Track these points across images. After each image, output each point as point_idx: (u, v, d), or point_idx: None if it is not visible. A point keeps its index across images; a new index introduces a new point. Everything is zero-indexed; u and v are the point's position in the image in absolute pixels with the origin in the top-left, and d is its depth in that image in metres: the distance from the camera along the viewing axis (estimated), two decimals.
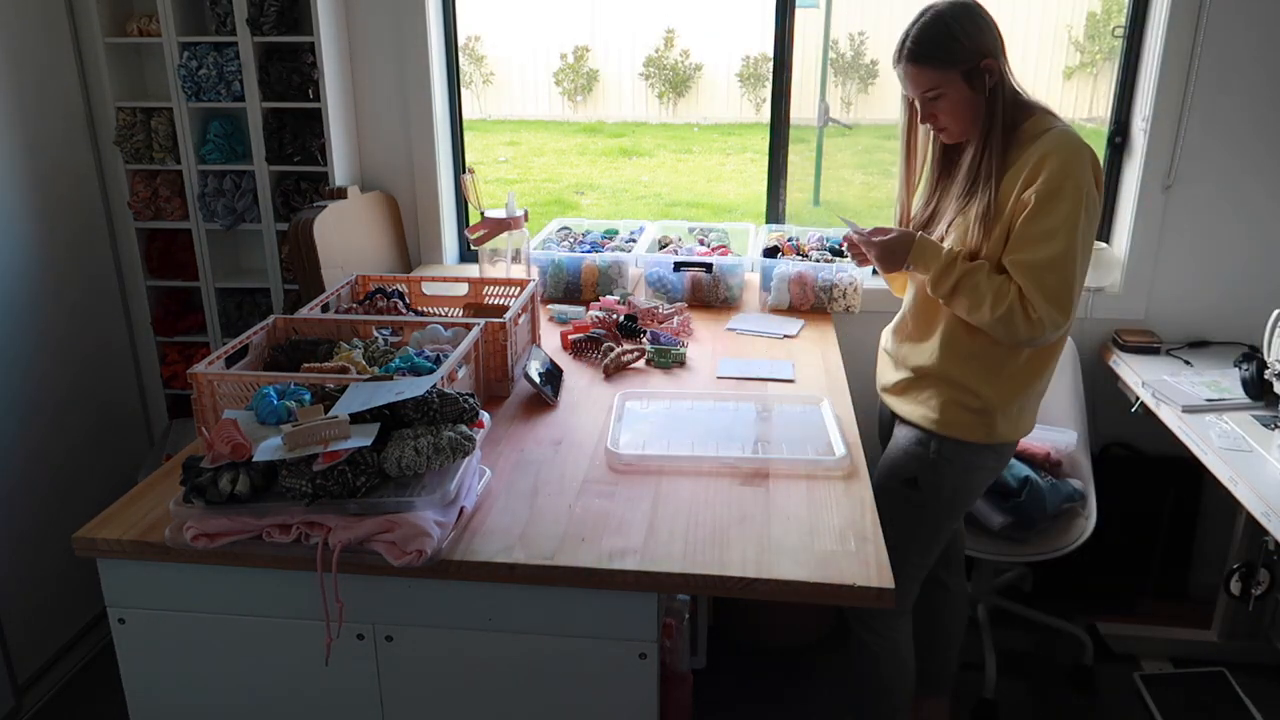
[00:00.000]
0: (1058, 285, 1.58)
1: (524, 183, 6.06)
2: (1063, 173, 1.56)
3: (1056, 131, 1.61)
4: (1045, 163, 1.57)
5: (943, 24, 1.63)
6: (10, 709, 2.30)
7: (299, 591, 1.28)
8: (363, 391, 1.31)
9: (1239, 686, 2.37)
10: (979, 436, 1.74)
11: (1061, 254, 1.57)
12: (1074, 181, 1.56)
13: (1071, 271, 1.58)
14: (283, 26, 2.43)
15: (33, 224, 2.39)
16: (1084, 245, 1.59)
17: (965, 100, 1.65)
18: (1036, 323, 1.58)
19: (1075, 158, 1.58)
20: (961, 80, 1.64)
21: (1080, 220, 1.57)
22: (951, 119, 1.69)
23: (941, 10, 1.65)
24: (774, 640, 2.56)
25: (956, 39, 1.62)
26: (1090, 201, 1.58)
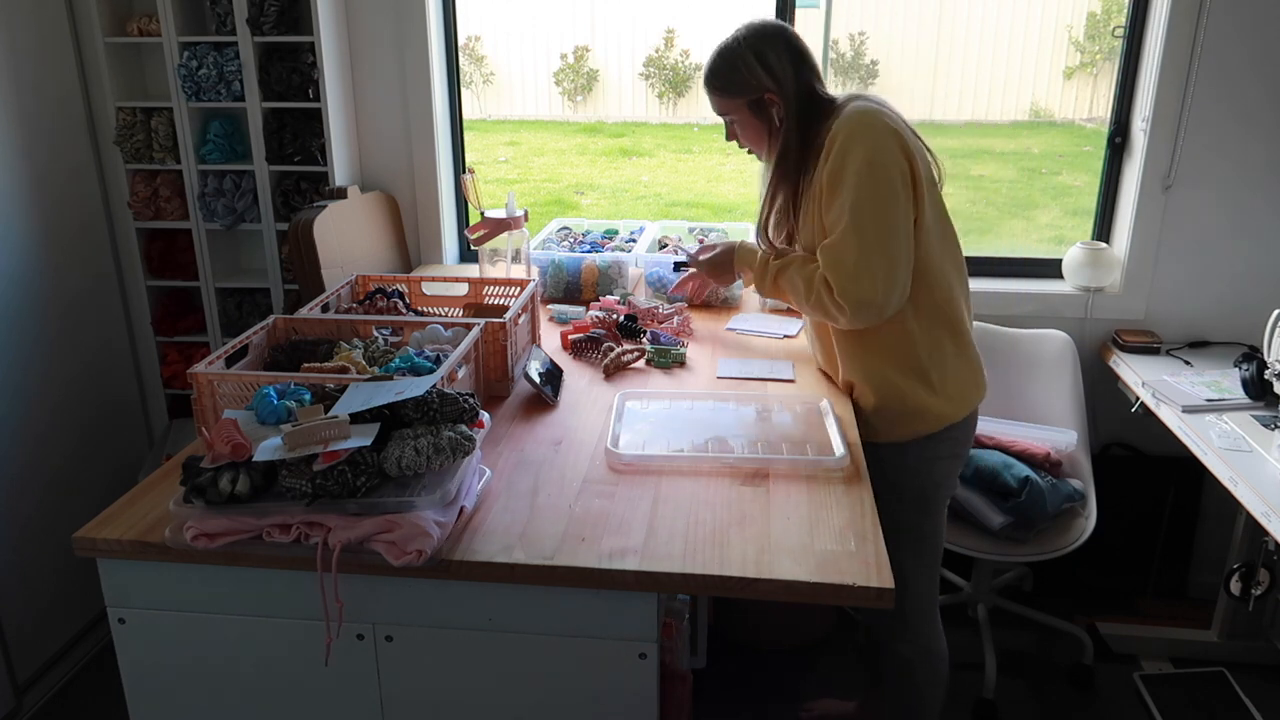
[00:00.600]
0: (853, 260, 1.57)
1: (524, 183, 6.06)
2: (841, 152, 1.58)
3: (845, 114, 1.62)
4: (831, 149, 1.60)
5: (731, 54, 1.69)
6: (10, 709, 2.30)
7: (299, 591, 1.28)
8: (363, 391, 1.31)
9: (1239, 686, 2.37)
10: (916, 429, 1.74)
11: (847, 230, 1.57)
12: (853, 156, 1.57)
13: (865, 242, 1.56)
14: (283, 26, 2.44)
15: (33, 224, 2.39)
16: (875, 213, 1.57)
17: (755, 127, 1.72)
18: (842, 303, 1.60)
19: (855, 132, 1.58)
20: (746, 109, 1.71)
21: (864, 190, 1.56)
22: (748, 141, 1.77)
23: (737, 39, 1.69)
24: (774, 640, 2.56)
25: (739, 71, 1.67)
26: (875, 169, 1.56)
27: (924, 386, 1.72)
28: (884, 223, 1.57)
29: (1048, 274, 2.65)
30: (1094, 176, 2.67)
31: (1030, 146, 6.16)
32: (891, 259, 1.58)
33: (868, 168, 1.56)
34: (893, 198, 1.58)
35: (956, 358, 1.74)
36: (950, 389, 1.74)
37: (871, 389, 1.75)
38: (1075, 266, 2.54)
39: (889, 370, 1.73)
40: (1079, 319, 2.56)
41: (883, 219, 1.57)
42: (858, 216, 1.57)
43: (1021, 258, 2.71)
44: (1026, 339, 2.53)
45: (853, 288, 1.58)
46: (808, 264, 1.68)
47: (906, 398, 1.72)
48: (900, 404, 1.73)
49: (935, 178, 1.67)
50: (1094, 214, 2.66)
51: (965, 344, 1.77)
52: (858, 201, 1.56)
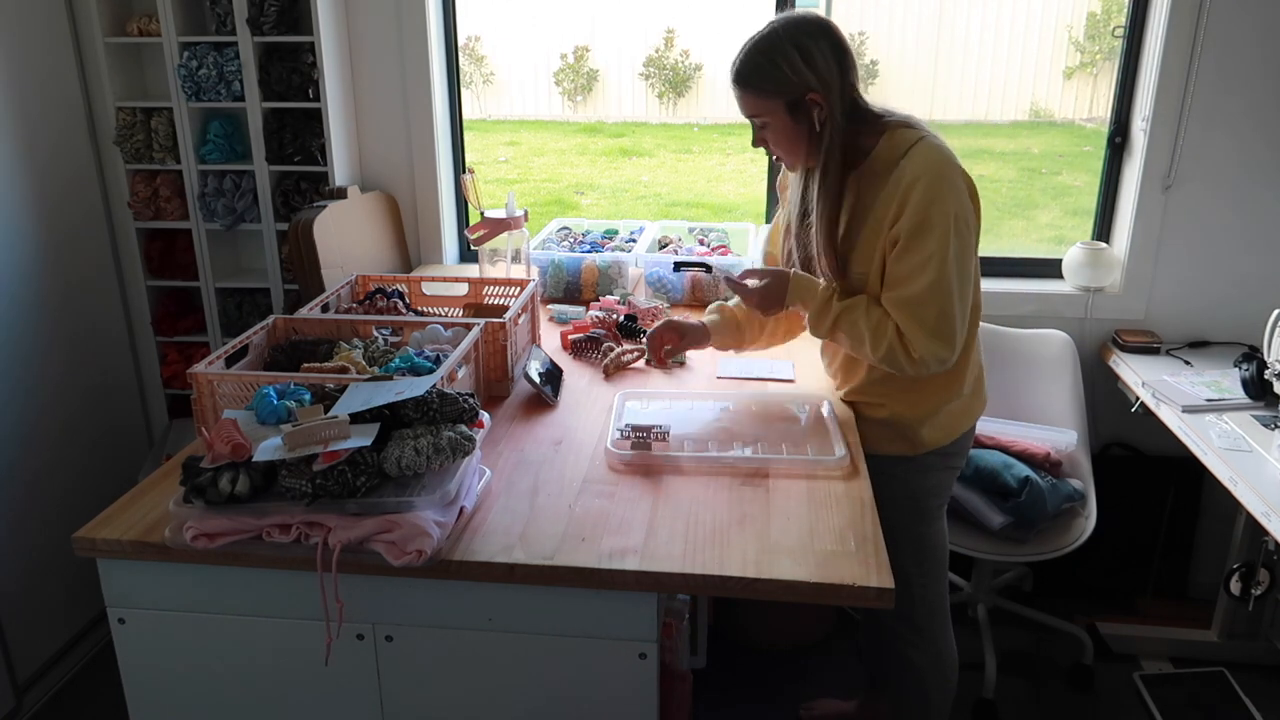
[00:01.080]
0: (936, 319, 1.51)
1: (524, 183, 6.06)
2: (926, 201, 1.48)
3: (917, 152, 1.51)
4: (910, 193, 1.49)
5: (769, 48, 1.51)
6: (10, 709, 2.30)
7: (299, 591, 1.28)
8: (363, 391, 1.31)
9: (1239, 686, 2.37)
10: (906, 450, 1.72)
11: (933, 286, 1.50)
12: (939, 207, 1.48)
13: (949, 301, 1.51)
14: (283, 26, 2.43)
15: (33, 224, 2.39)
16: (959, 270, 1.51)
17: (791, 131, 1.55)
18: (919, 360, 1.54)
19: (939, 181, 1.49)
20: (784, 112, 1.53)
21: (950, 247, 1.49)
22: (780, 149, 1.60)
23: (775, 31, 1.52)
24: (774, 640, 2.56)
25: (779, 67, 1.50)
26: (960, 223, 1.50)
27: (925, 420, 1.71)
28: (964, 281, 1.53)
29: (1048, 274, 2.65)
30: (1094, 176, 2.67)
31: (1030, 146, 6.17)
32: (964, 317, 1.55)
33: (955, 224, 1.50)
34: (971, 252, 1.55)
35: (960, 397, 1.72)
36: (950, 420, 1.73)
37: (873, 407, 1.74)
38: (1075, 266, 2.54)
39: (899, 399, 1.71)
40: (1079, 319, 2.56)
41: (964, 277, 1.53)
42: (943, 274, 1.50)
43: (1021, 258, 2.70)
44: (1026, 339, 2.53)
45: (932, 346, 1.52)
46: (874, 310, 1.57)
47: (905, 426, 1.72)
48: (897, 428, 1.72)
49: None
50: (1094, 214, 2.66)
51: (977, 374, 1.76)
52: (944, 259, 1.49)
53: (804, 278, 1.66)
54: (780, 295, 1.67)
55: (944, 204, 1.49)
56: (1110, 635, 2.56)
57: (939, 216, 1.49)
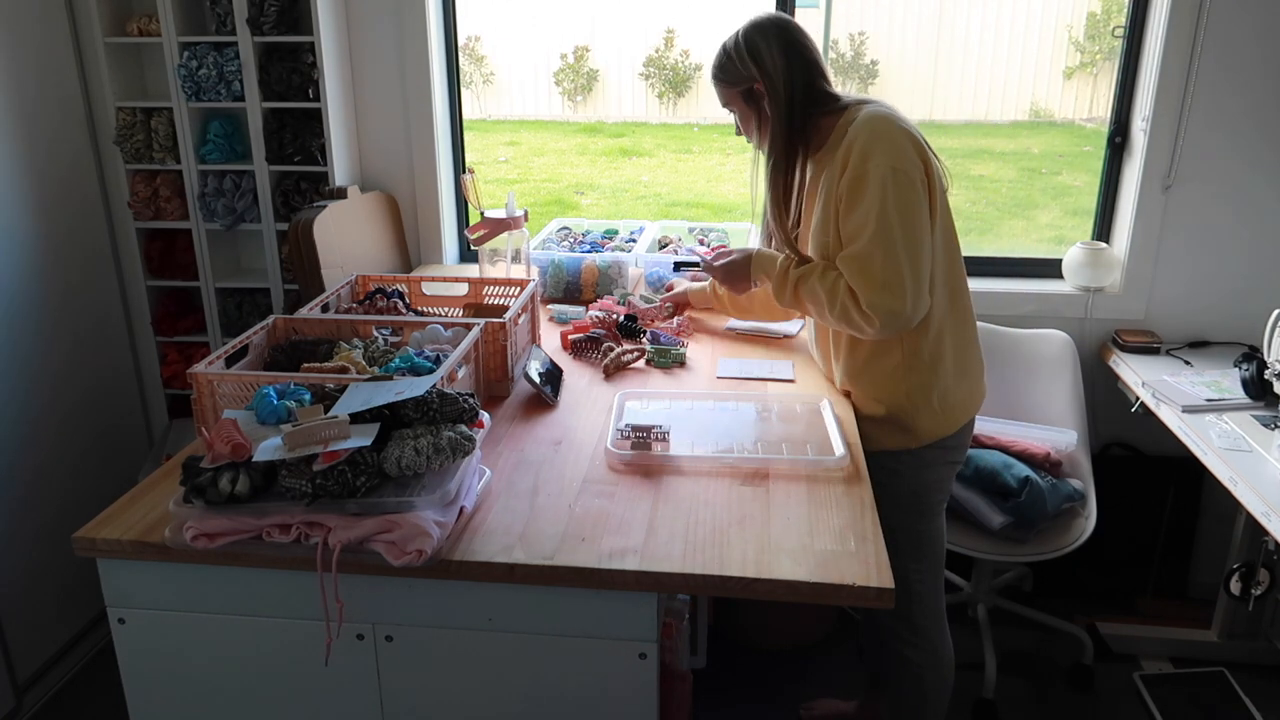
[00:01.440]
0: (881, 270, 1.55)
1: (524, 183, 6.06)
2: (861, 158, 1.56)
3: (860, 118, 1.61)
4: (849, 154, 1.58)
5: (728, 46, 1.70)
6: (10, 709, 2.30)
7: (299, 591, 1.28)
8: (363, 391, 1.31)
9: (1239, 686, 2.37)
10: (907, 443, 1.73)
11: (874, 238, 1.55)
12: (874, 162, 1.55)
13: (892, 252, 1.54)
14: (283, 26, 2.44)
15: (33, 223, 2.39)
16: (903, 221, 1.55)
17: (747, 117, 1.73)
18: (869, 314, 1.57)
19: (873, 137, 1.56)
20: (741, 99, 1.72)
21: (888, 198, 1.54)
22: (746, 132, 1.77)
23: (736, 31, 1.70)
24: (774, 640, 2.56)
25: (731, 61, 1.69)
26: (899, 175, 1.54)
27: (919, 404, 1.71)
28: (910, 231, 1.56)
29: (1048, 274, 2.65)
30: (1094, 176, 2.67)
31: (1030, 146, 6.17)
32: (917, 267, 1.56)
33: (892, 174, 1.54)
34: (917, 205, 1.57)
35: (956, 375, 1.73)
36: (946, 407, 1.73)
37: (866, 399, 1.76)
38: (1075, 266, 2.54)
39: (885, 385, 1.72)
40: (1079, 319, 2.56)
41: (909, 227, 1.55)
42: (884, 225, 1.54)
43: (1021, 258, 2.71)
44: (1026, 339, 2.53)
45: (882, 298, 1.55)
46: (829, 273, 1.64)
47: (900, 414, 1.72)
48: (893, 419, 1.73)
49: (944, 185, 1.66)
50: (1094, 214, 2.66)
51: (967, 357, 1.76)
52: (884, 209, 1.54)
53: (765, 253, 1.80)
54: (744, 271, 1.84)
55: (878, 157, 1.55)
56: (1110, 635, 2.56)
57: (874, 169, 1.55)
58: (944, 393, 1.72)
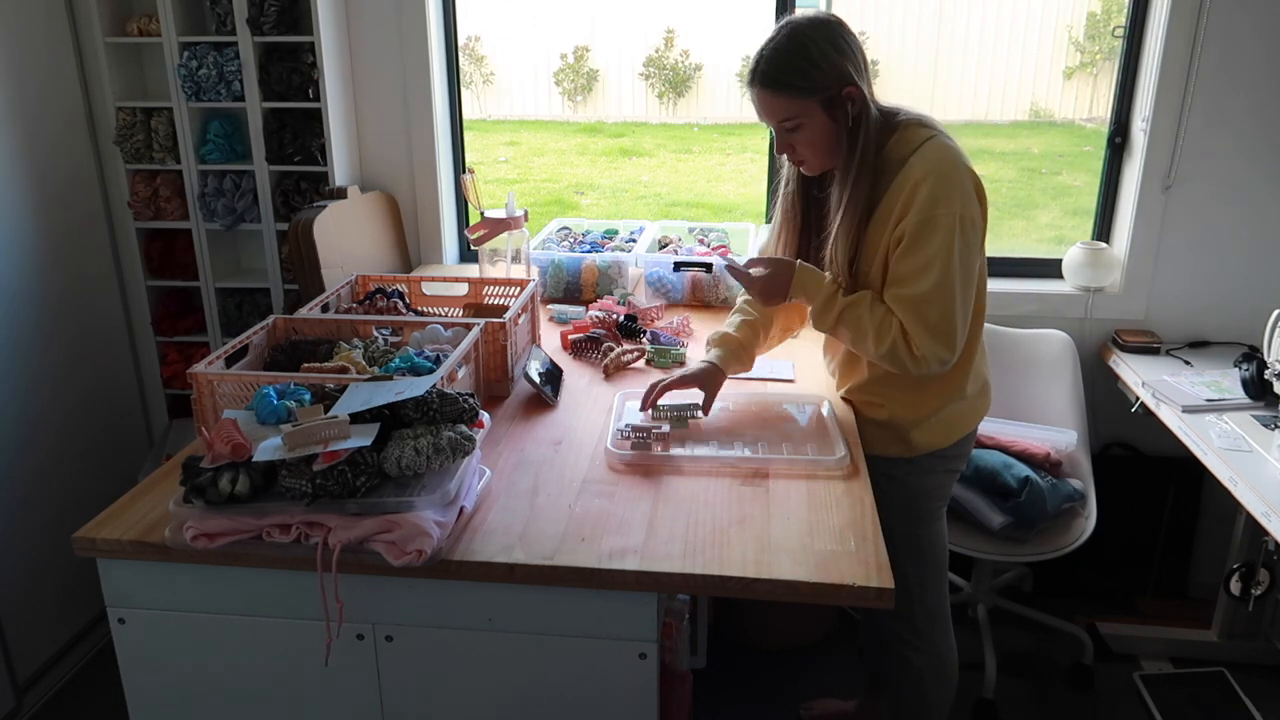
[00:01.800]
0: (939, 318, 1.51)
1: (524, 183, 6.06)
2: (932, 201, 1.48)
3: (926, 150, 1.51)
4: (917, 191, 1.49)
5: (800, 45, 1.49)
6: (10, 709, 2.30)
7: (299, 591, 1.28)
8: (363, 391, 1.31)
9: (1239, 686, 2.37)
10: (904, 451, 1.72)
11: (937, 285, 1.50)
12: (946, 208, 1.48)
13: (951, 302, 1.51)
14: (283, 26, 2.43)
15: (33, 223, 2.39)
16: (963, 271, 1.51)
17: (825, 131, 1.53)
18: (921, 359, 1.53)
19: (946, 181, 1.49)
20: (821, 110, 1.51)
21: (954, 247, 1.49)
22: (810, 151, 1.57)
23: (799, 28, 1.50)
24: (774, 640, 2.56)
25: (815, 63, 1.48)
26: (966, 224, 1.50)
27: (922, 419, 1.70)
28: (969, 281, 1.53)
29: (1048, 274, 2.65)
30: (1094, 176, 2.67)
31: (1030, 146, 6.17)
32: (966, 316, 1.55)
33: (962, 224, 1.49)
34: (977, 253, 1.54)
35: (962, 396, 1.72)
36: (947, 422, 1.72)
37: (869, 406, 1.74)
38: (1075, 266, 2.54)
39: (892, 397, 1.71)
40: (1079, 319, 2.56)
41: (968, 277, 1.53)
42: (948, 274, 1.49)
43: (1021, 258, 2.70)
44: (1026, 339, 2.53)
45: (934, 346, 1.52)
46: (878, 306, 1.56)
47: (900, 424, 1.71)
48: (893, 426, 1.72)
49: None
50: (1094, 214, 2.66)
51: (977, 377, 1.74)
52: (949, 258, 1.49)
53: (809, 270, 1.64)
54: (784, 286, 1.64)
55: (950, 203, 1.48)
56: (1110, 635, 2.56)
57: (944, 216, 1.48)
58: (946, 410, 1.71)
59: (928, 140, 1.53)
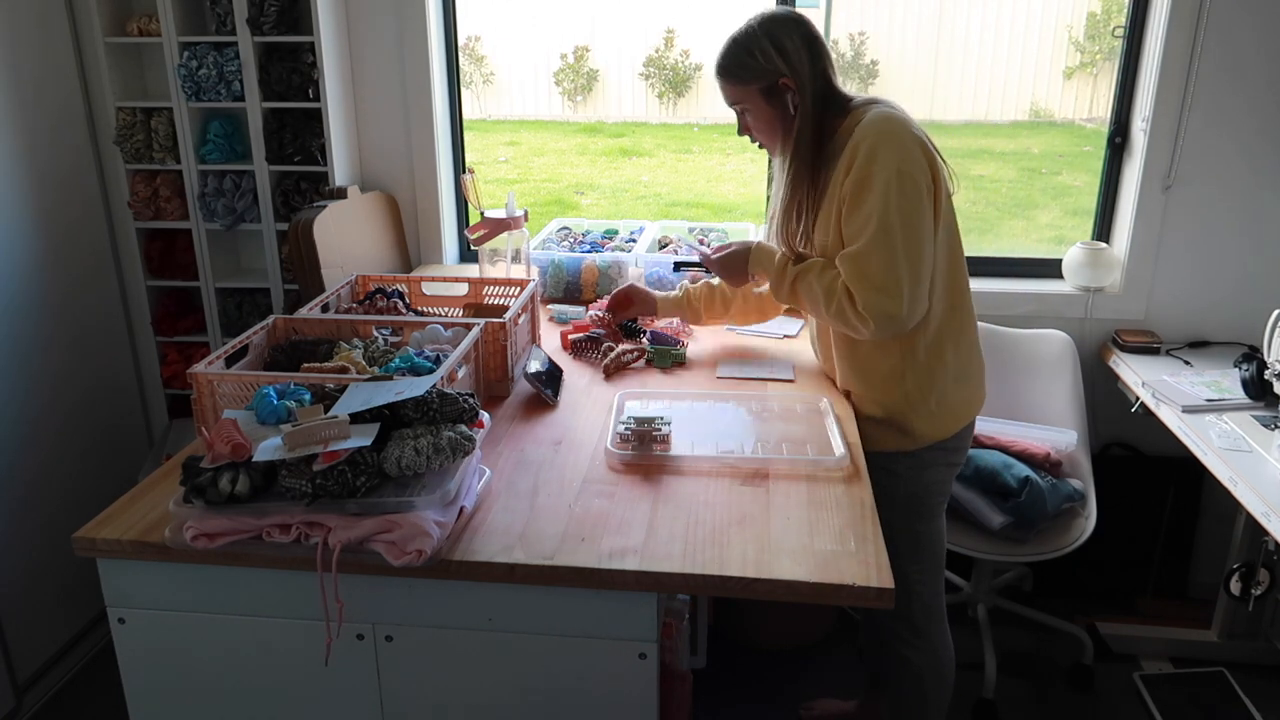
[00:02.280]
0: (879, 272, 1.54)
1: (524, 183, 6.06)
2: (868, 159, 1.54)
3: (868, 119, 1.58)
4: (855, 154, 1.56)
5: (745, 39, 1.63)
6: (10, 709, 2.30)
7: (299, 591, 1.28)
8: (363, 391, 1.31)
9: (1239, 686, 2.37)
10: (905, 445, 1.73)
11: (874, 239, 1.54)
12: (880, 163, 1.53)
13: (891, 255, 1.53)
14: (283, 26, 2.44)
15: (33, 224, 2.39)
16: (904, 223, 1.54)
17: (767, 116, 1.66)
18: (864, 315, 1.56)
19: (882, 140, 1.55)
20: (760, 97, 1.65)
21: (891, 200, 1.53)
22: (760, 133, 1.71)
23: (751, 24, 1.64)
24: (774, 640, 2.56)
25: (754, 55, 1.62)
26: (904, 179, 1.53)
27: (917, 406, 1.71)
28: (912, 234, 1.55)
29: (1048, 274, 2.65)
30: (1094, 176, 2.67)
31: (1030, 146, 6.17)
32: (916, 271, 1.56)
33: (897, 177, 1.53)
34: (920, 208, 1.56)
35: (955, 379, 1.72)
36: (943, 410, 1.73)
37: (864, 399, 1.75)
38: (1075, 266, 2.54)
39: (884, 387, 1.72)
40: (1079, 319, 2.56)
41: (911, 230, 1.55)
42: (886, 227, 1.53)
43: (1021, 258, 2.71)
44: (1026, 339, 2.53)
45: (878, 300, 1.55)
46: (828, 271, 1.63)
47: (897, 415, 1.72)
48: (891, 420, 1.73)
49: (950, 189, 1.65)
50: (1094, 214, 2.66)
51: (967, 361, 1.75)
52: (885, 211, 1.53)
53: (764, 247, 1.78)
54: (742, 264, 1.83)
55: (885, 159, 1.54)
56: (1110, 635, 2.56)
57: (879, 170, 1.54)
58: (942, 396, 1.71)
59: (871, 111, 1.61)
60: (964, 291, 1.71)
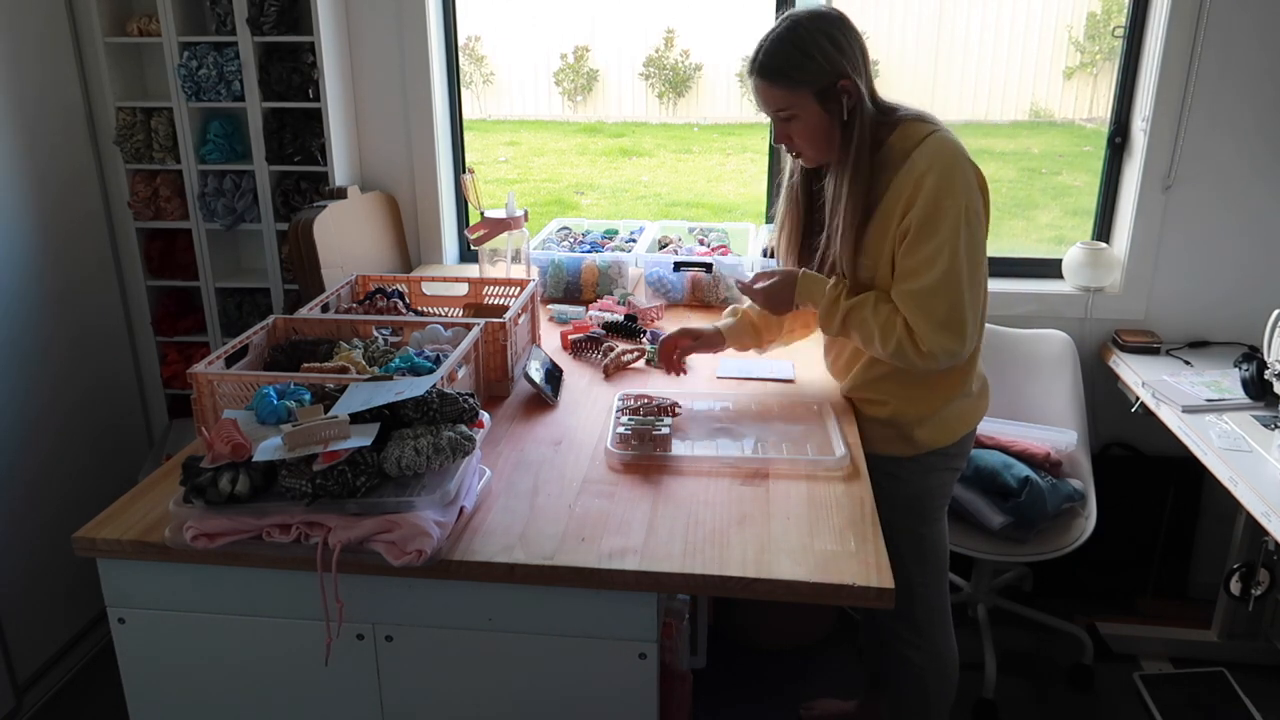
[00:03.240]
0: (946, 311, 1.50)
1: (524, 183, 6.06)
2: (937, 194, 1.48)
3: (929, 144, 1.52)
4: (921, 185, 1.49)
5: (797, 37, 1.51)
6: (10, 709, 2.30)
7: (299, 591, 1.28)
8: (363, 391, 1.31)
9: (1239, 686, 2.37)
10: (906, 450, 1.72)
11: (943, 278, 1.49)
12: (950, 200, 1.48)
13: (958, 294, 1.50)
14: (283, 26, 2.43)
15: (33, 224, 2.39)
16: (969, 262, 1.51)
17: (820, 123, 1.54)
18: (929, 354, 1.52)
19: (949, 173, 1.49)
20: (815, 101, 1.53)
21: (960, 238, 1.49)
22: (806, 142, 1.58)
23: (799, 21, 1.53)
24: (774, 640, 2.56)
25: (810, 55, 1.50)
26: (970, 215, 1.50)
27: (924, 416, 1.70)
28: (975, 272, 1.52)
29: (1048, 274, 2.65)
30: (1094, 176, 2.67)
31: (1030, 146, 6.16)
32: (977, 308, 1.54)
33: (965, 215, 1.49)
34: (982, 246, 1.54)
35: (964, 393, 1.72)
36: (948, 420, 1.72)
37: (870, 405, 1.74)
38: (1075, 266, 2.54)
39: (893, 395, 1.71)
40: (1079, 319, 2.56)
41: (975, 269, 1.52)
42: (954, 266, 1.49)
43: (1021, 258, 2.71)
44: (1026, 339, 2.53)
45: (941, 339, 1.51)
46: (882, 306, 1.56)
47: (902, 422, 1.71)
48: (894, 425, 1.72)
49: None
50: (1094, 214, 2.66)
51: (977, 375, 1.75)
52: (954, 251, 1.48)
53: (811, 276, 1.65)
54: (788, 295, 1.67)
55: (954, 196, 1.49)
56: (1110, 635, 2.56)
57: (950, 208, 1.49)
58: (949, 408, 1.71)
59: (930, 134, 1.54)
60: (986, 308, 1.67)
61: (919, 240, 1.51)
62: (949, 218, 1.49)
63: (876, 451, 1.68)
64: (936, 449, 1.73)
